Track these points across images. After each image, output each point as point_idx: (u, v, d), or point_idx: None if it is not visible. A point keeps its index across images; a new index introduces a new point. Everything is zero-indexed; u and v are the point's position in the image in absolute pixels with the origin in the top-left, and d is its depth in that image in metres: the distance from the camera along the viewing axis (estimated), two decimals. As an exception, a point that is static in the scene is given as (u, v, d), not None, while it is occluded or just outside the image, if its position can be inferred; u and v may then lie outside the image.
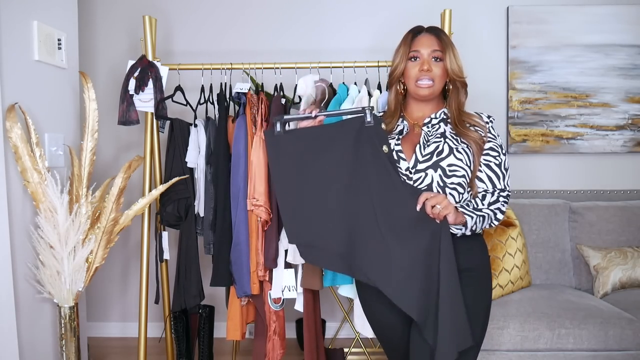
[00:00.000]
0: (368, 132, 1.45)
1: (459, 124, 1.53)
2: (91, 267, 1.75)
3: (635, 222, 2.63)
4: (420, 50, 1.53)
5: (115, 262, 3.02)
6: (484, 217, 1.45)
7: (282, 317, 2.17)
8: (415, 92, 1.55)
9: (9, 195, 1.61)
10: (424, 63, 1.52)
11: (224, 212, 2.13)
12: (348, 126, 1.48)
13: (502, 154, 1.53)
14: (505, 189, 1.52)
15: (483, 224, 1.45)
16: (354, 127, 1.46)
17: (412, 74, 1.54)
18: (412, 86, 1.55)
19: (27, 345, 1.70)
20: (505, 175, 1.52)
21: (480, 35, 2.93)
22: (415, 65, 1.53)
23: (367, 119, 1.45)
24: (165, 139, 2.36)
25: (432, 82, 1.52)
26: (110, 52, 2.98)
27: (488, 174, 1.50)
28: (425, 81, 1.52)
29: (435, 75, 1.52)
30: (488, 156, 1.52)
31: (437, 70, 1.53)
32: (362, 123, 1.45)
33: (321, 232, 1.49)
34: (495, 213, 1.48)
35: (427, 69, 1.51)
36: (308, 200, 1.50)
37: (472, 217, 1.42)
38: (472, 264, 1.49)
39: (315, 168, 1.49)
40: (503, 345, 2.11)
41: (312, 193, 1.50)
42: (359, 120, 1.46)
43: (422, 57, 1.53)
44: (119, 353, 2.83)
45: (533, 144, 2.94)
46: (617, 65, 2.89)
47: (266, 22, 2.96)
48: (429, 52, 1.53)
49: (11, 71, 1.65)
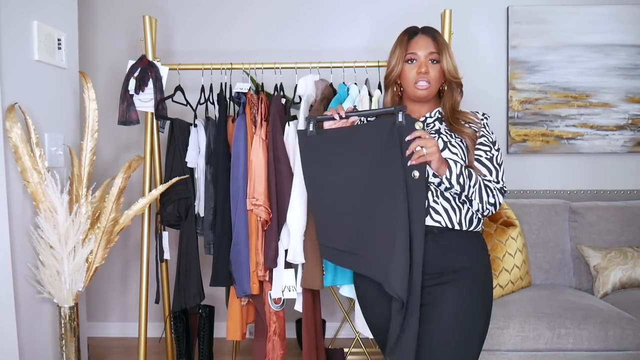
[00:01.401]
0: (399, 132, 1.44)
1: (452, 122, 1.53)
2: (91, 267, 1.75)
3: (635, 222, 2.63)
4: (417, 53, 1.54)
5: (115, 262, 3.02)
6: (470, 177, 1.43)
7: (282, 318, 2.17)
8: (413, 94, 1.56)
9: (9, 195, 1.61)
10: (422, 65, 1.52)
11: (224, 212, 2.13)
12: (379, 126, 1.48)
13: (494, 149, 1.53)
14: (499, 182, 1.51)
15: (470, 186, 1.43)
16: (386, 127, 1.45)
17: (410, 77, 1.54)
18: (410, 88, 1.56)
19: (27, 345, 1.70)
20: (499, 170, 1.51)
21: (480, 35, 2.93)
22: (413, 68, 1.54)
23: (399, 119, 1.43)
24: (165, 139, 2.36)
25: (429, 84, 1.53)
26: (110, 52, 2.98)
27: (478, 167, 1.50)
28: (423, 83, 1.53)
29: (432, 78, 1.53)
30: (479, 150, 1.52)
31: (434, 72, 1.53)
32: (393, 123, 1.44)
33: (349, 234, 1.50)
34: (487, 191, 1.46)
35: (425, 72, 1.52)
36: (337, 201, 1.51)
37: (457, 165, 1.41)
38: (470, 263, 1.49)
39: (346, 169, 1.50)
40: (503, 345, 2.11)
41: (341, 194, 1.50)
42: (391, 120, 1.45)
43: (419, 59, 1.54)
44: (119, 353, 2.83)
45: (533, 144, 2.94)
46: (617, 65, 2.89)
47: (266, 22, 2.96)
48: (426, 54, 1.53)
49: (11, 71, 1.65)
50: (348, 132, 1.52)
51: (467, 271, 1.47)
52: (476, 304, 1.46)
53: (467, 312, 1.44)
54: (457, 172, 1.41)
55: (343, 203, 1.50)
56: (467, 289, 1.45)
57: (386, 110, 1.50)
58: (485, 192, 1.46)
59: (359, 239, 1.49)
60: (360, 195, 1.48)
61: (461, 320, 1.43)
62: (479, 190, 1.45)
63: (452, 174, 1.41)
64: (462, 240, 1.49)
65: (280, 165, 2.04)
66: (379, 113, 1.55)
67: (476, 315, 1.46)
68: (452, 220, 1.47)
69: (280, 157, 2.04)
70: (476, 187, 1.44)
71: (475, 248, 1.52)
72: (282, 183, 2.04)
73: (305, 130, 1.52)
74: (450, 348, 1.41)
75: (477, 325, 1.46)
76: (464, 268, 1.47)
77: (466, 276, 1.46)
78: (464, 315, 1.43)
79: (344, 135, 1.51)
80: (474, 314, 1.45)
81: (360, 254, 1.49)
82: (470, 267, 1.48)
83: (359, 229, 1.49)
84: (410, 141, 1.40)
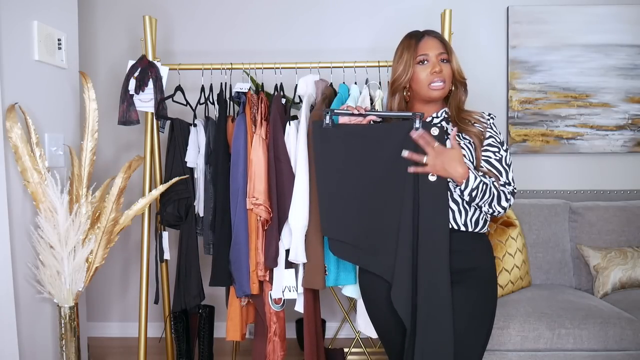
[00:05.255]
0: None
1: (459, 121, 1.54)
2: (91, 267, 1.75)
3: (635, 222, 2.63)
4: (428, 54, 1.54)
5: (115, 262, 3.02)
6: (484, 195, 1.43)
7: (282, 319, 2.17)
8: (427, 95, 1.55)
9: (9, 195, 1.61)
10: (435, 65, 1.52)
11: (224, 211, 2.13)
12: (396, 130, 1.49)
13: (502, 149, 1.53)
14: (511, 183, 1.51)
15: (485, 194, 1.43)
16: (402, 131, 1.47)
17: (423, 77, 1.53)
18: (423, 90, 1.55)
19: (27, 345, 1.70)
20: (508, 171, 1.52)
21: (480, 35, 2.93)
22: (426, 69, 1.53)
23: (416, 124, 1.45)
24: (165, 139, 2.36)
25: (443, 83, 1.53)
26: (110, 52, 2.98)
27: (489, 169, 1.50)
28: (438, 83, 1.53)
29: (446, 76, 1.53)
30: (487, 152, 1.52)
31: (446, 71, 1.54)
32: (410, 128, 1.46)
33: (355, 228, 1.52)
34: (501, 195, 1.47)
35: (439, 71, 1.52)
36: (346, 195, 1.52)
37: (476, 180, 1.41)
38: (475, 264, 1.49)
39: (358, 166, 1.51)
40: (503, 346, 2.11)
41: (351, 189, 1.52)
42: (408, 125, 1.47)
43: (430, 59, 1.53)
44: (119, 353, 2.83)
45: (533, 144, 2.94)
46: (617, 65, 2.89)
47: (266, 22, 2.95)
48: (437, 54, 1.54)
49: (11, 71, 1.64)
50: (363, 130, 1.53)
51: (472, 272, 1.47)
52: (482, 305, 1.47)
53: (473, 313, 1.44)
54: (472, 186, 1.41)
55: (352, 198, 1.52)
56: (472, 289, 1.45)
57: (404, 114, 1.51)
58: (496, 199, 1.46)
59: (365, 235, 1.51)
60: (370, 194, 1.50)
61: (466, 320, 1.43)
62: (489, 202, 1.46)
63: (467, 186, 1.41)
64: (468, 241, 1.49)
65: (281, 164, 2.04)
66: (397, 116, 1.55)
67: (481, 315, 1.46)
68: (458, 221, 1.48)
69: (281, 157, 2.04)
70: (487, 200, 1.45)
71: (481, 249, 1.53)
72: (282, 182, 2.04)
73: (321, 121, 1.52)
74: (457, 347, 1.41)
75: (482, 326, 1.46)
76: (469, 269, 1.47)
77: (472, 277, 1.46)
78: (469, 315, 1.44)
79: (359, 132, 1.53)
80: (480, 315, 1.45)
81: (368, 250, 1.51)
82: (476, 268, 1.49)
83: (366, 225, 1.51)
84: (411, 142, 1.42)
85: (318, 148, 1.55)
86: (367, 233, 1.51)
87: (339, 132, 1.53)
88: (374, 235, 1.50)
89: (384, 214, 1.49)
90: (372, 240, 1.50)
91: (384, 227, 1.48)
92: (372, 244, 1.50)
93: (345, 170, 1.52)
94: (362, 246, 1.52)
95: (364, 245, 1.51)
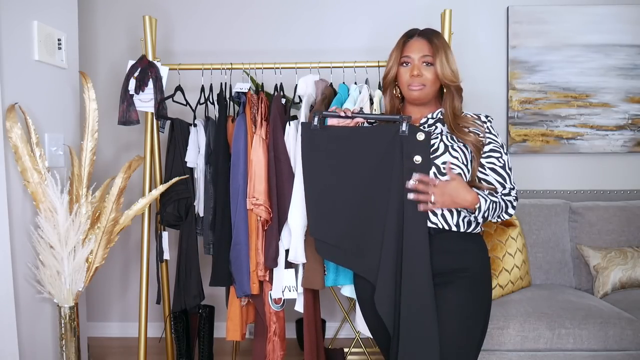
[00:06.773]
0: (401, 141, 1.47)
1: (455, 128, 1.53)
2: (91, 267, 1.75)
3: (635, 222, 2.63)
4: (410, 56, 1.55)
5: (115, 262, 3.02)
6: (496, 204, 1.45)
7: (282, 319, 2.17)
8: (407, 96, 1.59)
9: (9, 195, 1.62)
10: (414, 68, 1.54)
11: (224, 211, 2.13)
12: (382, 132, 1.51)
13: (504, 153, 1.54)
14: (514, 187, 1.53)
15: (495, 211, 1.45)
16: (388, 134, 1.49)
17: (404, 79, 1.56)
18: (404, 90, 1.58)
19: (27, 345, 1.70)
20: (510, 174, 1.53)
21: (480, 35, 2.93)
22: (407, 71, 1.56)
23: (402, 128, 1.46)
24: (165, 139, 2.36)
25: (423, 86, 1.54)
26: (110, 52, 2.98)
27: (495, 177, 1.51)
28: (416, 86, 1.54)
29: (426, 80, 1.54)
30: (491, 158, 1.52)
31: (428, 75, 1.54)
32: (396, 131, 1.47)
33: (340, 230, 1.53)
34: (507, 205, 1.49)
35: (417, 74, 1.53)
36: (332, 197, 1.54)
37: (486, 201, 1.42)
38: (467, 264, 1.49)
39: (343, 168, 1.52)
40: (503, 345, 2.11)
41: (337, 191, 1.53)
42: (394, 128, 1.48)
43: (412, 62, 1.55)
44: (119, 353, 2.83)
45: (533, 144, 2.94)
46: (617, 65, 2.89)
47: (266, 22, 2.96)
48: (419, 57, 1.54)
49: (11, 71, 1.65)
50: (351, 132, 1.54)
51: (465, 272, 1.47)
52: (474, 306, 1.46)
53: (465, 313, 1.44)
54: (484, 209, 1.42)
55: (337, 199, 1.53)
56: (464, 290, 1.45)
57: (391, 117, 1.53)
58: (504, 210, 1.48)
59: (350, 236, 1.52)
60: (355, 196, 1.51)
61: (458, 320, 1.43)
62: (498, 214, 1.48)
63: (480, 211, 1.42)
64: (460, 241, 1.49)
65: (281, 164, 2.04)
66: (384, 119, 1.58)
67: (474, 316, 1.46)
68: (449, 222, 1.48)
69: (281, 157, 2.04)
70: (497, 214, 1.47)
71: (473, 249, 1.53)
72: (282, 182, 2.04)
73: (310, 123, 1.54)
74: (447, 349, 1.41)
75: (475, 327, 1.46)
76: (461, 269, 1.47)
77: (463, 277, 1.46)
78: (461, 316, 1.43)
79: (347, 134, 1.53)
80: (472, 315, 1.45)
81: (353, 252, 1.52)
82: (468, 268, 1.48)
83: (351, 226, 1.52)
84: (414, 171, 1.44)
85: (305, 150, 1.56)
86: (352, 234, 1.52)
87: (326, 135, 1.54)
88: (359, 237, 1.51)
89: (369, 216, 1.50)
90: (357, 241, 1.51)
91: (369, 229, 1.49)
92: (357, 245, 1.51)
93: (331, 172, 1.53)
94: (348, 247, 1.52)
95: (349, 246, 1.52)
